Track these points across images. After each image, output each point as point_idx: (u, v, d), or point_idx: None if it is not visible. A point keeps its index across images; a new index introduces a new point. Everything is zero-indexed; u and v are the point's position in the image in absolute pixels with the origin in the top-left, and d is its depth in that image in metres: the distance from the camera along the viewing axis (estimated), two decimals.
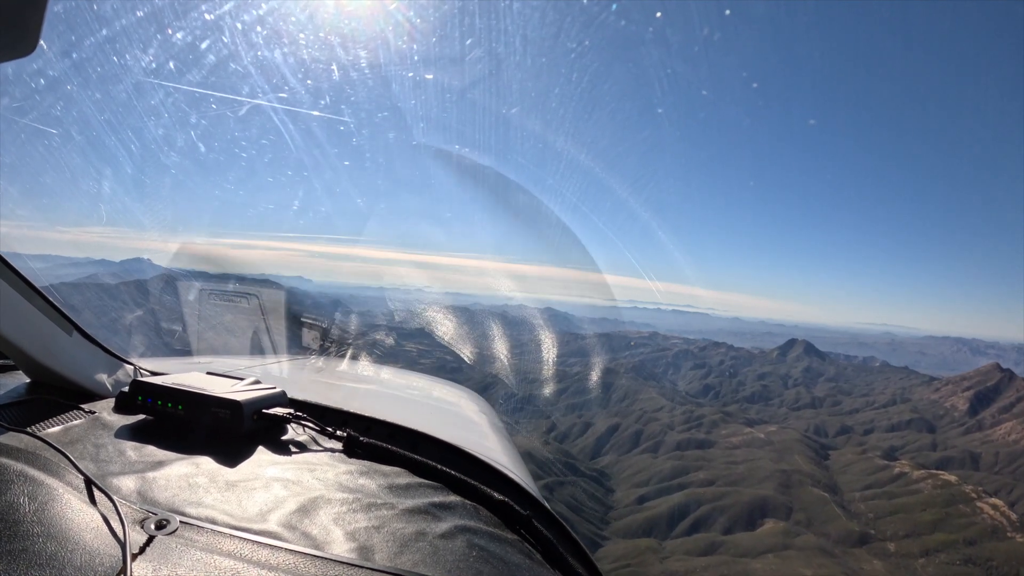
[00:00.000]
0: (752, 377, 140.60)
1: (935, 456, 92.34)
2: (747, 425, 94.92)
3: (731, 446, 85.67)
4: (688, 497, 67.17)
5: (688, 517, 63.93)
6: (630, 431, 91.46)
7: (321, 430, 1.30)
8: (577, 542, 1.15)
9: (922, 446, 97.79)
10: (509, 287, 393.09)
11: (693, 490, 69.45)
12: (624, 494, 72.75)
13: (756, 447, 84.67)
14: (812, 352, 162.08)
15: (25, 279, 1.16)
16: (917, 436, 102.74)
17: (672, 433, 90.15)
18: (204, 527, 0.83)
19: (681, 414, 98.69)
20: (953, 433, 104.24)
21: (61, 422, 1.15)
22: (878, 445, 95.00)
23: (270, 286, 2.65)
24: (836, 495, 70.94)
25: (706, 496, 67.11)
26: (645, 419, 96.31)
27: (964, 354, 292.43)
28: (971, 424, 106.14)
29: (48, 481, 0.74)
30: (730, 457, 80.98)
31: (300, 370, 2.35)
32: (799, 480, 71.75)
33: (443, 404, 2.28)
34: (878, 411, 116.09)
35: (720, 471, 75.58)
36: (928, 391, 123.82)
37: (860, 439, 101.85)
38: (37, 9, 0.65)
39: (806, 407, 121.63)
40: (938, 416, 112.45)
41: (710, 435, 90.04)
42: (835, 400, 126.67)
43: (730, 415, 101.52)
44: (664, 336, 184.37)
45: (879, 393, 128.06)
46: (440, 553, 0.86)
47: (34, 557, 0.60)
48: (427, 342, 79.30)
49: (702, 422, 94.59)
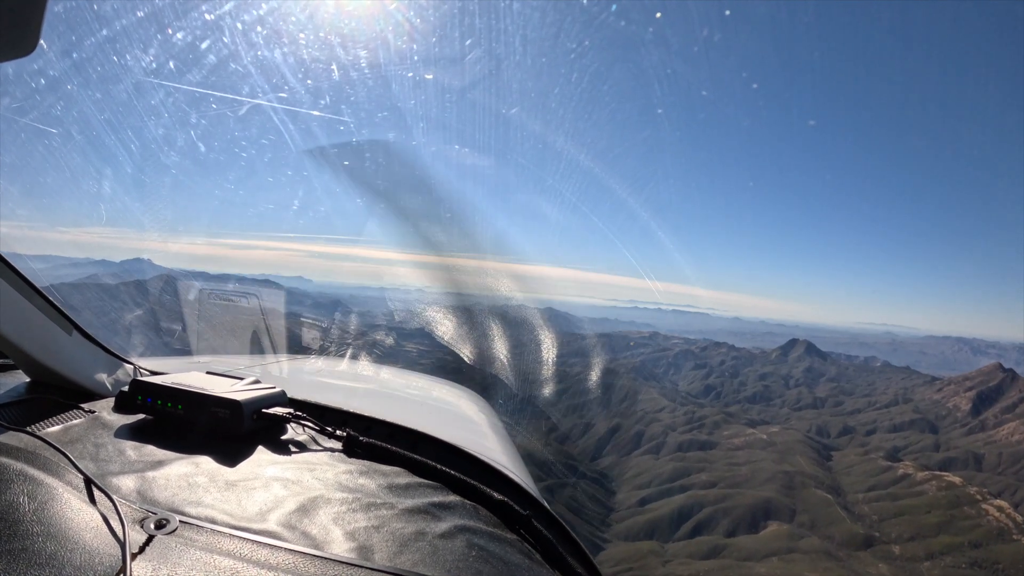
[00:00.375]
0: (753, 377, 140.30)
1: (938, 457, 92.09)
2: (749, 426, 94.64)
3: (733, 447, 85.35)
4: (690, 499, 66.92)
5: (690, 519, 63.66)
6: (631, 432, 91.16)
7: (321, 430, 1.30)
8: (576, 542, 1.15)
9: (925, 447, 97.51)
10: (509, 287, 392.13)
11: (695, 492, 69.18)
12: (625, 496, 72.50)
13: (758, 448, 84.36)
14: (813, 352, 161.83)
15: (25, 279, 1.17)
16: (920, 437, 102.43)
17: (674, 434, 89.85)
18: (204, 526, 0.83)
19: (683, 415, 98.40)
20: (956, 434, 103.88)
21: (61, 421, 1.15)
22: (881, 446, 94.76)
23: (270, 286, 2.78)
24: (840, 497, 70.67)
25: (708, 498, 66.84)
26: (647, 420, 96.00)
27: (965, 354, 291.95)
28: (974, 424, 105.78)
29: (48, 480, 0.74)
30: (732, 458, 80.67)
31: (300, 370, 2.36)
32: (802, 482, 71.45)
33: (443, 404, 2.28)
34: (880, 411, 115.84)
35: (722, 472, 75.29)
36: (930, 391, 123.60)
37: (862, 440, 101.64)
38: (37, 9, 0.65)
39: (808, 407, 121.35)
40: (940, 416, 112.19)
41: (712, 436, 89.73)
42: (837, 400, 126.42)
43: (732, 416, 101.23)
44: (665, 336, 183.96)
45: (881, 393, 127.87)
46: (440, 553, 0.87)
47: (34, 556, 0.60)
48: (427, 342, 79.05)
49: (704, 423, 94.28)
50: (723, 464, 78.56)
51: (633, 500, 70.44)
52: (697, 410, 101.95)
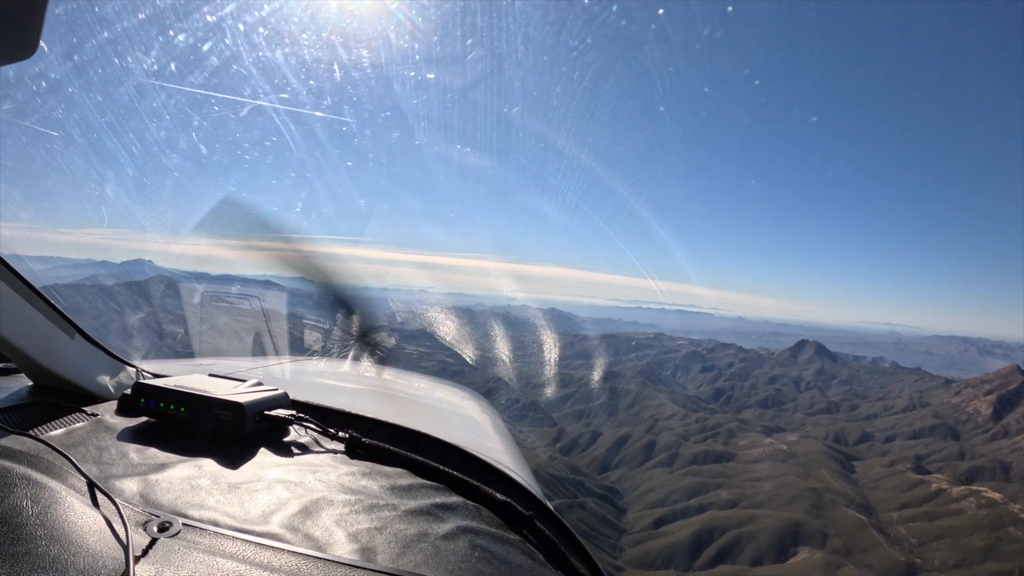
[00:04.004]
0: (763, 380, 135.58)
1: (964, 466, 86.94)
2: (766, 434, 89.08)
3: (752, 459, 79.53)
4: (710, 520, 60.78)
5: (711, 545, 57.52)
6: (642, 442, 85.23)
7: (323, 431, 1.31)
8: (580, 542, 1.15)
9: (949, 455, 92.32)
10: (512, 287, 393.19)
11: (715, 512, 63.07)
12: (638, 515, 66.34)
13: (779, 460, 78.55)
14: (823, 353, 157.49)
15: (27, 282, 1.17)
16: (942, 444, 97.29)
17: (687, 444, 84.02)
18: (207, 529, 0.84)
19: (695, 422, 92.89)
20: (978, 440, 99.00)
21: (64, 425, 1.16)
22: (903, 454, 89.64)
23: (272, 287, 2.59)
24: (872, 517, 64.63)
25: (730, 520, 60.69)
26: (657, 428, 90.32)
27: (971, 353, 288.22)
28: (996, 430, 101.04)
29: (51, 484, 0.74)
30: (752, 472, 74.72)
31: (302, 372, 2.35)
32: (831, 500, 65.38)
33: (445, 405, 2.29)
34: (898, 416, 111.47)
35: (744, 489, 69.23)
36: (947, 395, 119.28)
37: (882, 447, 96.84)
38: (37, 11, 0.64)
39: (822, 412, 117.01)
40: (961, 421, 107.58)
41: (728, 446, 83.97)
42: (852, 404, 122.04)
43: (747, 423, 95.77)
44: (670, 337, 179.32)
45: (895, 396, 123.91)
46: (442, 554, 0.87)
47: (37, 560, 0.60)
48: (429, 344, 74.51)
49: (719, 432, 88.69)
50: (743, 479, 72.53)
51: (646, 521, 64.20)
52: (709, 417, 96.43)
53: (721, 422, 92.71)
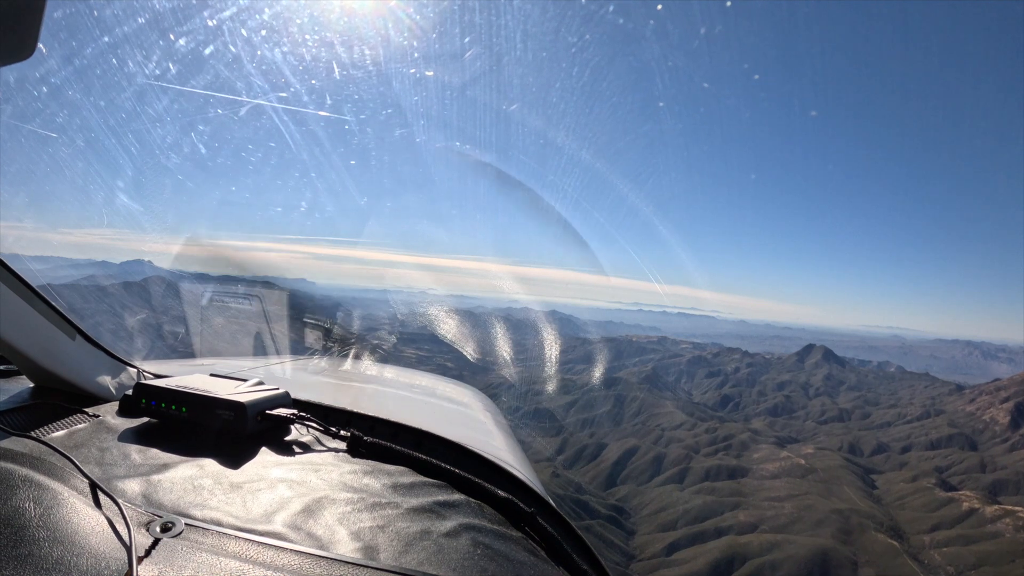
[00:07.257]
0: (772, 386, 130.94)
1: (987, 479, 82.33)
2: (780, 446, 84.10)
3: (768, 475, 74.36)
4: (730, 547, 55.43)
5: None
6: (649, 455, 79.96)
7: (325, 430, 1.31)
8: (582, 539, 1.15)
9: (970, 467, 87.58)
10: (513, 289, 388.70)
11: (734, 538, 57.76)
12: (648, 539, 60.96)
13: (797, 476, 73.45)
14: (831, 358, 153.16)
15: (27, 283, 1.17)
16: (961, 455, 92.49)
17: (698, 458, 78.86)
18: (209, 529, 0.84)
19: (705, 432, 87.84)
20: (998, 450, 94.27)
21: (65, 426, 1.15)
22: (923, 467, 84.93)
23: (272, 288, 2.56)
24: (903, 541, 59.49)
25: (751, 547, 55.39)
26: (665, 440, 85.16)
27: (976, 357, 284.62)
28: (1016, 440, 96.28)
29: (53, 485, 0.74)
30: (770, 491, 69.48)
31: (303, 371, 2.35)
32: (859, 523, 60.21)
33: (446, 402, 2.28)
34: (912, 425, 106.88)
35: (763, 511, 63.98)
36: (961, 402, 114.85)
37: (899, 458, 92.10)
38: (35, 12, 0.64)
39: (834, 420, 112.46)
40: (978, 431, 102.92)
41: (741, 460, 78.85)
42: (864, 412, 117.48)
43: (758, 433, 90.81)
44: (673, 340, 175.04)
45: (907, 404, 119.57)
46: (445, 551, 0.87)
47: (40, 562, 0.60)
48: (428, 346, 69.92)
49: (730, 443, 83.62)
50: (761, 498, 67.28)
51: (658, 546, 58.82)
52: (719, 426, 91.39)
53: (732, 432, 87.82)
